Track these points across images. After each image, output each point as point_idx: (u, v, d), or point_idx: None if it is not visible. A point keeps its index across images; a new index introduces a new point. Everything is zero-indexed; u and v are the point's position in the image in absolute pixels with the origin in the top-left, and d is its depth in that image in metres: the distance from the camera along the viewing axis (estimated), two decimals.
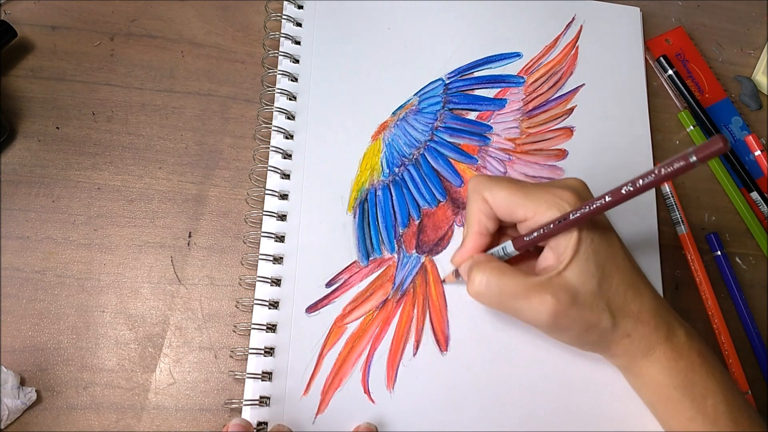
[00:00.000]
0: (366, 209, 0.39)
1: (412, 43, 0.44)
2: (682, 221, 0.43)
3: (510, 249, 0.33)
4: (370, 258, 0.38)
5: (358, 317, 0.37)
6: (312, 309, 0.36)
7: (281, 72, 0.41)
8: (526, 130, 0.43)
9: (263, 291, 0.36)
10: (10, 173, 0.38)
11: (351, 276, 0.37)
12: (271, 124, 0.40)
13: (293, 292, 0.36)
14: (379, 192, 0.40)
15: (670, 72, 0.47)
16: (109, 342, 0.35)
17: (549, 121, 0.44)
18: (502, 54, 0.45)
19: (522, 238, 0.32)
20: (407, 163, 0.41)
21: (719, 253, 0.43)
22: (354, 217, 0.39)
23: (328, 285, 0.37)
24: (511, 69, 0.45)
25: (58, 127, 0.39)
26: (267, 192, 0.38)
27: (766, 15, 0.53)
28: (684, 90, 0.47)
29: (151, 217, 0.38)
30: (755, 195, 0.45)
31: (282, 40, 0.42)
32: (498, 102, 0.44)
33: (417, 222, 0.39)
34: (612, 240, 0.33)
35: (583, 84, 0.45)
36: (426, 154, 0.41)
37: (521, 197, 0.32)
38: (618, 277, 0.32)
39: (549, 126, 0.44)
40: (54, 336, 0.35)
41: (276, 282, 0.36)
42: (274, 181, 0.39)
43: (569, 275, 0.31)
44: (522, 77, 0.45)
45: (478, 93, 0.44)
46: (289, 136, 0.40)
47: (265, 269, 0.37)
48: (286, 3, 0.43)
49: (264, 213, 0.38)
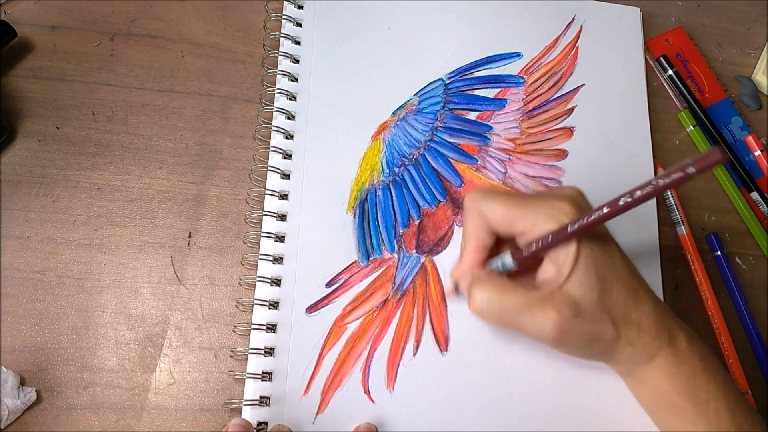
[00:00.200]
0: (366, 209, 0.39)
1: (412, 43, 0.44)
2: (682, 221, 0.43)
3: (509, 263, 0.33)
4: (370, 258, 0.38)
5: (358, 317, 0.37)
6: (312, 309, 0.36)
7: (281, 72, 0.41)
8: (526, 130, 0.43)
9: (263, 291, 0.36)
10: (10, 173, 0.38)
11: (351, 276, 0.37)
12: (271, 124, 0.40)
13: (293, 292, 0.36)
14: (379, 192, 0.40)
15: (670, 72, 0.47)
16: (109, 342, 0.35)
17: (549, 121, 0.44)
18: (502, 54, 0.45)
19: (521, 251, 0.32)
20: (407, 163, 0.41)
21: (719, 253, 0.43)
22: (354, 217, 0.39)
23: (328, 285, 0.37)
24: (511, 69, 0.45)
25: (58, 127, 0.39)
26: (267, 192, 0.38)
27: (766, 15, 0.53)
28: (684, 90, 0.47)
29: (151, 217, 0.38)
30: (755, 195, 0.45)
31: (282, 40, 0.42)
32: (498, 102, 0.44)
33: (417, 222, 0.39)
34: (611, 249, 0.32)
35: (583, 84, 0.45)
36: (426, 154, 0.41)
37: (519, 211, 0.32)
38: (618, 287, 0.32)
39: (549, 126, 0.44)
40: (54, 336, 0.35)
41: (276, 282, 0.36)
42: (274, 181, 0.39)
43: (570, 288, 0.31)
44: (522, 77, 0.45)
45: (478, 93, 0.44)
46: (289, 136, 0.40)
47: (265, 269, 0.37)
48: (286, 3, 0.43)
49: (264, 213, 0.38)
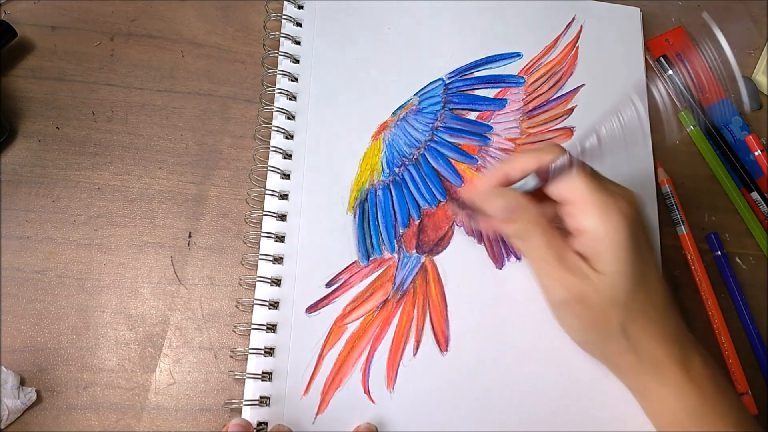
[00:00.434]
0: (366, 209, 0.39)
1: (412, 43, 0.44)
2: (682, 221, 0.43)
3: (531, 182, 0.34)
4: (370, 258, 0.38)
5: (358, 317, 0.37)
6: (312, 309, 0.36)
7: (281, 72, 0.41)
8: (526, 130, 0.43)
9: (263, 291, 0.36)
10: (10, 173, 0.38)
11: (351, 276, 0.37)
12: (271, 124, 0.40)
13: (293, 292, 0.36)
14: (380, 192, 0.40)
15: (670, 72, 0.47)
16: (109, 342, 0.35)
17: (549, 121, 0.44)
18: (502, 54, 0.45)
19: (546, 171, 0.33)
20: (407, 163, 0.41)
21: (719, 253, 0.43)
22: (354, 217, 0.39)
23: (328, 285, 0.37)
24: (512, 69, 0.45)
25: (58, 127, 0.39)
26: (267, 192, 0.38)
27: (766, 15, 0.53)
28: (684, 90, 0.47)
29: (151, 217, 0.38)
30: (755, 195, 0.45)
31: (282, 40, 0.42)
32: (498, 102, 0.44)
33: (417, 222, 0.39)
34: (649, 260, 0.33)
35: (583, 84, 0.45)
36: (426, 154, 0.41)
37: (582, 181, 0.33)
38: (645, 292, 0.32)
39: (549, 126, 0.44)
40: (54, 336, 0.35)
41: (276, 282, 0.36)
42: (274, 181, 0.39)
43: (602, 277, 0.32)
44: (522, 77, 0.45)
45: (478, 93, 0.44)
46: (289, 136, 0.40)
47: (265, 269, 0.37)
48: (286, 3, 0.43)
49: (264, 213, 0.38)
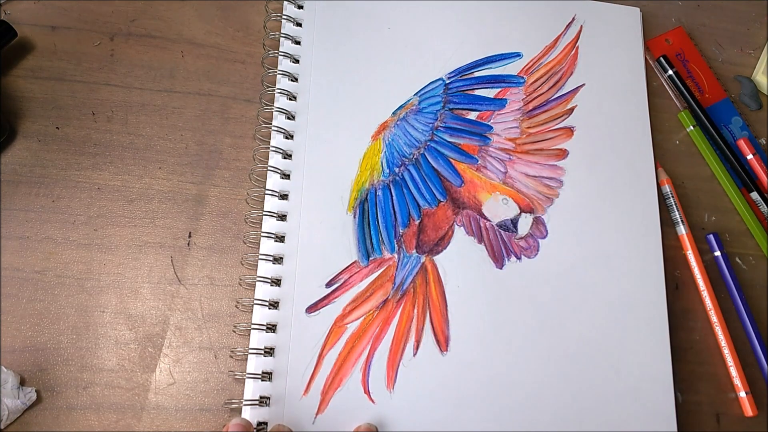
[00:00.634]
0: (366, 209, 0.39)
1: (412, 43, 0.44)
2: (682, 221, 0.43)
3: None
4: (370, 258, 0.38)
5: (358, 317, 0.37)
6: (312, 309, 0.36)
7: (281, 72, 0.41)
8: (526, 129, 0.43)
9: (263, 291, 0.36)
10: (10, 173, 0.38)
11: (351, 276, 0.37)
12: (271, 124, 0.40)
13: (293, 292, 0.36)
14: (379, 192, 0.40)
15: (670, 72, 0.47)
16: (109, 342, 0.35)
17: (549, 121, 0.44)
18: (502, 54, 0.45)
19: None
20: (407, 163, 0.41)
21: (719, 253, 0.43)
22: (354, 217, 0.39)
23: (328, 285, 0.37)
24: (512, 69, 0.45)
25: (58, 127, 0.39)
26: (267, 192, 0.38)
27: (766, 15, 0.53)
28: (684, 90, 0.47)
29: (151, 217, 0.38)
30: (755, 195, 0.45)
31: (282, 40, 0.42)
32: (498, 102, 0.44)
33: (417, 222, 0.39)
34: None
35: (583, 84, 0.45)
36: (426, 153, 0.41)
37: None
38: None
39: (549, 126, 0.44)
40: (54, 336, 0.35)
41: (276, 282, 0.36)
42: (274, 181, 0.39)
43: None
44: (522, 77, 0.45)
45: (478, 93, 0.44)
46: (289, 136, 0.40)
47: (265, 269, 0.37)
48: (286, 3, 0.43)
49: (264, 213, 0.38)
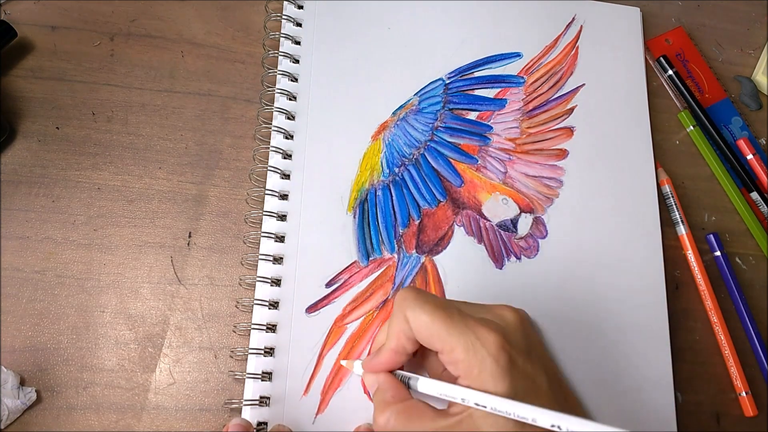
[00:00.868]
0: (366, 209, 0.39)
1: (412, 43, 0.44)
2: (682, 221, 0.43)
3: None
4: (370, 258, 0.38)
5: (358, 317, 0.37)
6: (312, 309, 0.36)
7: (281, 72, 0.41)
8: (526, 130, 0.43)
9: (263, 291, 0.36)
10: (10, 173, 0.38)
11: (351, 276, 0.37)
12: (271, 124, 0.40)
13: (293, 292, 0.36)
14: (379, 192, 0.40)
15: (670, 72, 0.47)
16: (109, 342, 0.35)
17: (549, 121, 0.44)
18: (502, 54, 0.45)
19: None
20: (407, 163, 0.41)
21: (719, 253, 0.43)
22: (354, 218, 0.39)
23: (328, 285, 0.37)
24: (512, 69, 0.45)
25: (58, 127, 0.39)
26: (267, 192, 0.38)
27: (766, 15, 0.53)
28: (684, 90, 0.47)
29: (151, 217, 0.38)
30: (755, 195, 0.45)
31: (282, 40, 0.42)
32: (498, 102, 0.44)
33: (417, 222, 0.39)
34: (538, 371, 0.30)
35: (583, 84, 0.45)
36: (426, 154, 0.41)
37: (441, 328, 0.29)
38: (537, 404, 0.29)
39: (549, 126, 0.44)
40: (54, 336, 0.35)
41: (276, 282, 0.36)
42: (274, 181, 0.39)
43: (479, 420, 0.28)
44: (522, 77, 0.45)
45: (478, 93, 0.44)
46: (289, 136, 0.40)
47: (265, 269, 0.37)
48: (286, 3, 0.43)
49: (264, 213, 0.38)
